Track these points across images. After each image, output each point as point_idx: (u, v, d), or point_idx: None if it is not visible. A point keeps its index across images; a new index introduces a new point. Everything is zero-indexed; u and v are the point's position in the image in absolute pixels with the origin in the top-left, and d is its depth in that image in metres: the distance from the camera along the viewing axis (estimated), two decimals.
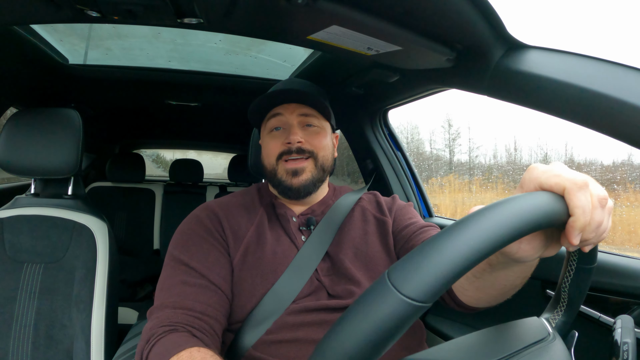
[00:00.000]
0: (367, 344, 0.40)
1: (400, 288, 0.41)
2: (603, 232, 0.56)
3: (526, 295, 0.84)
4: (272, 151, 1.18)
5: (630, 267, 1.08)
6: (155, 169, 6.17)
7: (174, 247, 1.10)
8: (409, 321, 0.41)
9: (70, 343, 1.31)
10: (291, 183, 1.16)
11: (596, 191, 0.55)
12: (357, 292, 1.08)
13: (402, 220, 1.22)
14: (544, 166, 0.57)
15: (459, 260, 0.42)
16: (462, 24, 0.99)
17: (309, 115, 1.20)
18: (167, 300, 1.00)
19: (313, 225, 1.19)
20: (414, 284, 0.41)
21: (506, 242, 0.45)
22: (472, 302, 0.95)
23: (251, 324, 1.03)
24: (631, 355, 0.60)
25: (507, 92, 1.07)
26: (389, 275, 0.43)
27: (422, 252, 0.44)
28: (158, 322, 0.95)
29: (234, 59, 2.00)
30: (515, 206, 0.48)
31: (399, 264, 0.44)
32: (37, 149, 1.40)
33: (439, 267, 0.42)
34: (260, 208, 1.21)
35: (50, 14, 1.01)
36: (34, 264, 1.37)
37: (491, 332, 0.61)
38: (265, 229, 1.16)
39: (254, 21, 1.08)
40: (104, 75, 2.07)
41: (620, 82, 0.84)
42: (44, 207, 1.47)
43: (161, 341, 0.89)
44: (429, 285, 0.41)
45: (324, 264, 1.13)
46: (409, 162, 2.15)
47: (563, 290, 0.67)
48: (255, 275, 1.08)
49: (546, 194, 0.53)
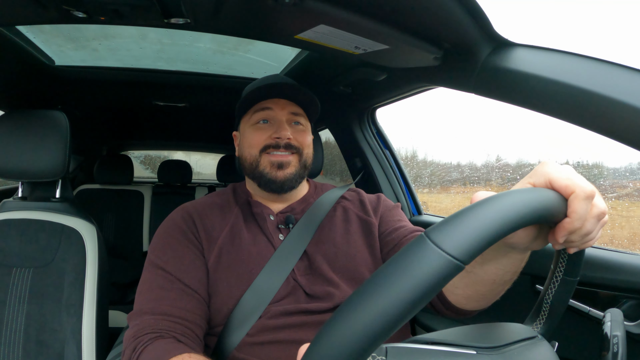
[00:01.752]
0: (404, 300, 0.40)
1: (442, 244, 0.42)
2: (589, 240, 0.60)
3: (517, 290, 0.85)
4: (255, 142, 1.18)
5: (619, 261, 1.10)
6: (144, 170, 6.13)
7: (151, 251, 1.10)
8: (447, 279, 0.42)
9: (61, 347, 1.30)
10: (275, 176, 1.15)
11: (598, 204, 0.58)
12: (336, 293, 1.07)
13: (389, 223, 1.21)
14: (557, 165, 0.60)
15: (493, 224, 0.45)
16: (449, 22, 0.99)
17: (298, 114, 1.22)
18: (145, 305, 1.00)
19: (292, 224, 1.18)
20: (455, 241, 0.43)
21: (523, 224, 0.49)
22: (462, 302, 0.95)
23: (232, 325, 1.03)
24: (621, 348, 0.61)
25: (494, 90, 1.08)
26: (428, 235, 0.44)
27: (461, 215, 0.46)
28: (139, 329, 0.95)
29: (221, 59, 1.99)
30: (530, 196, 0.52)
31: (438, 225, 0.45)
32: (24, 152, 1.39)
33: (476, 229, 0.44)
34: (235, 208, 1.20)
35: (36, 15, 1.01)
36: (22, 268, 1.36)
37: (486, 326, 0.62)
38: (240, 229, 1.15)
39: (241, 21, 1.07)
40: (90, 77, 2.05)
41: (606, 78, 0.85)
42: (32, 211, 1.45)
43: (149, 348, 0.90)
44: (468, 243, 0.43)
45: (301, 263, 1.12)
46: (398, 161, 2.16)
47: (546, 300, 0.68)
48: (230, 276, 1.07)
49: (553, 192, 0.56)
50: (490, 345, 0.55)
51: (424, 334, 0.57)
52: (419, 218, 2.08)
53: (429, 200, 2.83)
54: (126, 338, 0.96)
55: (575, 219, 0.55)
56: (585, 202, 0.55)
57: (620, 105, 0.81)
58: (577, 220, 0.56)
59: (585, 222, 0.57)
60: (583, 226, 0.57)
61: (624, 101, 0.81)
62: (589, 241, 0.60)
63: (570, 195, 0.56)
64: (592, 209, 0.57)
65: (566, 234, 0.57)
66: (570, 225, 0.56)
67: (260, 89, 1.17)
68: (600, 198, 0.59)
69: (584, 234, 0.58)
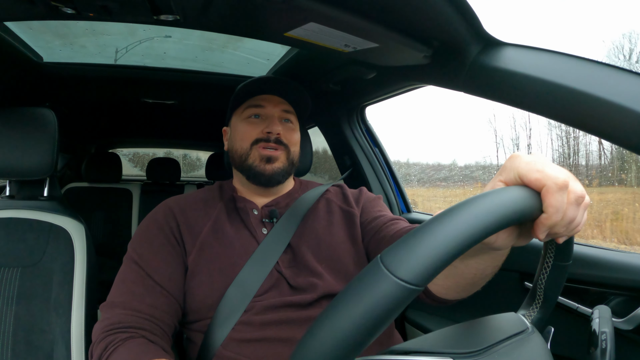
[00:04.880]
0: (360, 328, 0.40)
1: (394, 271, 0.41)
2: (575, 227, 0.57)
3: (505, 287, 0.85)
4: (247, 135, 1.20)
5: (606, 258, 1.11)
6: (132, 168, 6.10)
7: (130, 244, 1.12)
8: (402, 304, 0.41)
9: (50, 348, 1.29)
10: (264, 169, 1.17)
11: (574, 189, 0.55)
12: (319, 284, 1.08)
13: (370, 212, 1.23)
14: (527, 157, 0.57)
15: (450, 244, 0.43)
16: (438, 20, 1.00)
17: (289, 112, 1.25)
18: (117, 298, 1.02)
19: (276, 218, 1.19)
20: (407, 266, 0.42)
21: (490, 233, 0.46)
22: (442, 292, 0.95)
23: (218, 321, 1.03)
24: (609, 344, 0.62)
25: (483, 88, 1.08)
26: (382, 259, 0.43)
27: (415, 236, 0.44)
28: (109, 323, 0.96)
29: (210, 56, 1.98)
30: (496, 200, 0.49)
31: (392, 247, 0.44)
32: (11, 150, 1.37)
33: (431, 251, 0.43)
34: (219, 203, 1.22)
35: (24, 10, 0.99)
36: (10, 268, 1.34)
37: (471, 325, 0.62)
38: (223, 224, 1.16)
39: (231, 18, 1.07)
40: (79, 73, 2.03)
41: (593, 78, 0.86)
42: (19, 210, 1.44)
43: (120, 350, 0.90)
44: (422, 268, 0.42)
45: (285, 255, 1.13)
46: (387, 158, 2.17)
47: (539, 287, 0.68)
48: (213, 269, 1.08)
49: (523, 190, 0.53)
50: (470, 350, 0.54)
51: (402, 343, 0.56)
52: (408, 216, 2.09)
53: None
54: (95, 330, 0.97)
55: (552, 213, 0.53)
56: (560, 194, 0.53)
57: (607, 104, 0.82)
58: (555, 213, 0.53)
59: (565, 212, 0.54)
60: (564, 216, 0.54)
61: (611, 100, 0.82)
62: (575, 227, 0.57)
63: (542, 189, 0.53)
64: (569, 195, 0.54)
65: (546, 229, 0.55)
66: (548, 220, 0.54)
67: (254, 82, 1.20)
68: (576, 182, 0.56)
69: (567, 223, 0.55)
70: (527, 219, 0.53)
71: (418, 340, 0.57)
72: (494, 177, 0.61)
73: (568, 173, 0.55)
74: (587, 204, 0.58)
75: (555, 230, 0.56)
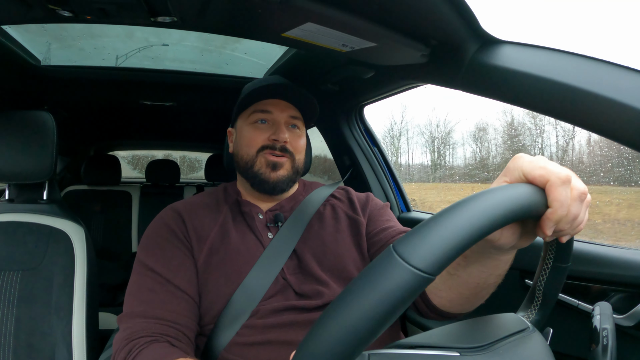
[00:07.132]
0: (372, 316, 0.40)
1: (408, 259, 0.42)
2: (579, 224, 0.58)
3: (506, 285, 0.85)
4: (254, 142, 1.18)
5: (607, 255, 1.11)
6: (131, 171, 6.10)
7: (140, 251, 1.09)
8: (415, 293, 0.41)
9: (51, 351, 1.29)
10: (269, 176, 1.16)
11: (577, 185, 0.57)
12: (325, 292, 1.07)
13: (377, 223, 1.21)
14: (530, 157, 0.59)
15: (461, 234, 0.44)
16: (436, 19, 1.00)
17: (296, 118, 1.22)
18: (136, 308, 0.99)
19: (281, 222, 1.18)
20: (421, 254, 0.42)
21: (498, 226, 0.47)
22: (446, 305, 0.95)
23: (222, 325, 1.02)
24: (610, 340, 0.62)
25: (481, 86, 1.08)
26: (395, 248, 0.43)
27: (428, 226, 0.45)
28: (132, 332, 0.94)
29: (208, 58, 1.99)
30: (504, 194, 0.50)
31: (405, 237, 0.45)
32: (10, 154, 1.37)
33: (444, 240, 0.43)
34: (224, 207, 1.20)
35: (21, 14, 0.99)
36: (10, 271, 1.34)
37: (474, 322, 0.62)
38: (229, 228, 1.14)
39: (228, 19, 1.07)
40: (76, 76, 2.03)
41: (592, 75, 0.86)
42: (19, 213, 1.44)
43: (145, 352, 0.89)
44: (435, 257, 0.42)
45: (290, 261, 1.12)
46: (386, 158, 2.17)
47: (538, 288, 0.68)
48: (220, 275, 1.07)
49: (528, 186, 0.55)
50: (475, 345, 0.54)
51: (408, 338, 0.57)
52: (408, 215, 2.09)
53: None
54: (117, 340, 0.95)
55: (558, 207, 0.54)
56: (564, 188, 0.54)
57: (606, 101, 0.82)
58: (560, 207, 0.54)
59: (570, 207, 0.55)
60: (569, 212, 0.55)
61: (609, 97, 0.82)
62: (579, 225, 0.58)
63: (546, 184, 0.55)
64: (572, 191, 0.56)
65: (553, 225, 0.56)
66: (554, 214, 0.55)
67: (263, 87, 1.17)
68: (578, 179, 0.58)
69: (571, 220, 0.57)
70: (532, 214, 0.54)
71: (424, 335, 0.57)
72: (497, 178, 0.63)
73: (570, 171, 0.57)
74: (588, 201, 0.59)
75: (560, 227, 0.57)
